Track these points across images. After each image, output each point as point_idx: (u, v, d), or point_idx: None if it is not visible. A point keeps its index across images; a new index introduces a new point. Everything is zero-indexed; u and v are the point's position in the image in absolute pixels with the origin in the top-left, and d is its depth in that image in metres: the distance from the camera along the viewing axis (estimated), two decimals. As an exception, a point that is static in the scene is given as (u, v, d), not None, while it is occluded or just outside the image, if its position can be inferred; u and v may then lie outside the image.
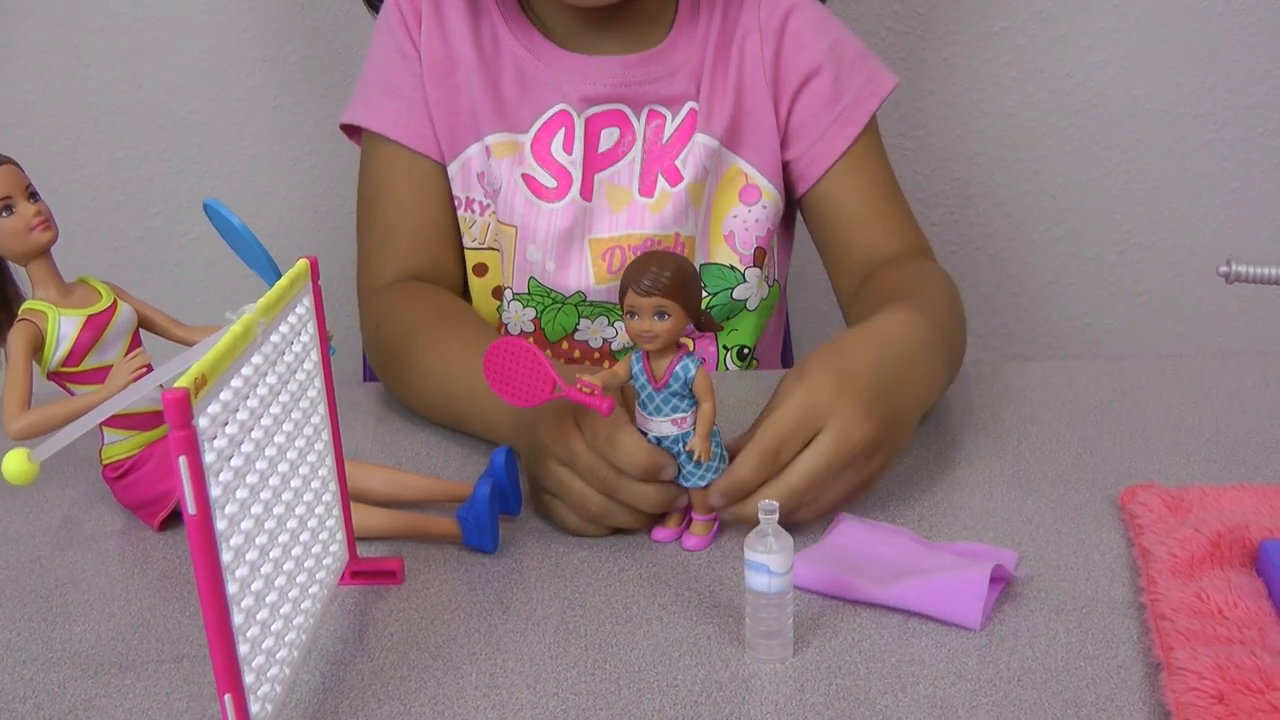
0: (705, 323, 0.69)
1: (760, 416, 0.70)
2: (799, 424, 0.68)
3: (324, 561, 0.63)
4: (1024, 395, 0.90)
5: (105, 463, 0.75)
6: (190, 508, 0.47)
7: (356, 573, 0.68)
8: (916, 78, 1.36)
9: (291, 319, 0.59)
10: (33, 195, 0.70)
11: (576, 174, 0.99)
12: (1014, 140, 1.40)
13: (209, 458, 0.48)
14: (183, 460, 0.46)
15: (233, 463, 0.51)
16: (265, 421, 0.55)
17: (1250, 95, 1.37)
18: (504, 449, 0.73)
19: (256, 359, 0.54)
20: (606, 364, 1.00)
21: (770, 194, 1.01)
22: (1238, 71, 1.36)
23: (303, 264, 0.61)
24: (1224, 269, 0.69)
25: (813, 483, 0.68)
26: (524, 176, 0.99)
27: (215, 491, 0.48)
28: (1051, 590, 0.66)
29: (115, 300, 0.73)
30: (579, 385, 0.66)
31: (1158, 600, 0.63)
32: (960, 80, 1.37)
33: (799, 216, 1.07)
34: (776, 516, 0.58)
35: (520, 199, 0.98)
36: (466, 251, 1.03)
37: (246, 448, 0.52)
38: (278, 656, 0.55)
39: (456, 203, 1.02)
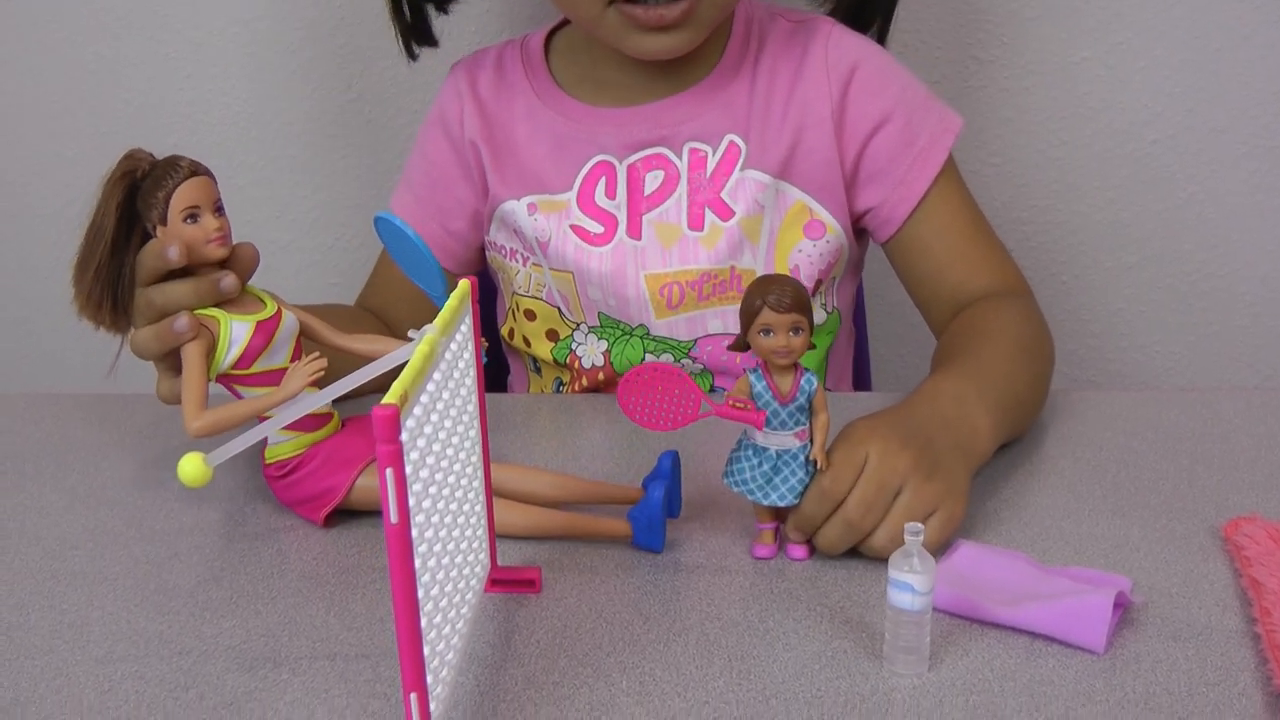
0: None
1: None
2: (846, 456, 0.72)
3: (476, 569, 0.66)
4: (1117, 425, 0.92)
5: (269, 462, 0.78)
6: (393, 517, 0.50)
7: (497, 580, 0.71)
8: (997, 106, 1.38)
9: (458, 337, 0.62)
10: (219, 210, 0.73)
11: (622, 216, 1.02)
12: (1090, 169, 1.42)
13: (406, 470, 0.51)
14: (389, 472, 0.49)
15: (421, 474, 0.54)
16: (442, 435, 0.58)
17: (1324, 129, 1.38)
18: (671, 453, 0.76)
19: (437, 375, 0.57)
20: None
21: (834, 229, 1.02)
22: (1312, 106, 1.37)
23: (465, 284, 0.64)
24: None
25: (867, 507, 0.71)
26: (572, 227, 1.02)
27: (410, 502, 0.51)
28: (1167, 617, 0.68)
29: (279, 308, 0.75)
30: (729, 401, 0.69)
31: (1274, 631, 0.65)
32: (1039, 109, 1.39)
33: (863, 251, 1.09)
34: (921, 538, 0.61)
35: (570, 246, 1.02)
36: (517, 298, 1.07)
37: (430, 460, 0.55)
38: (447, 659, 0.58)
39: (500, 251, 1.07)
